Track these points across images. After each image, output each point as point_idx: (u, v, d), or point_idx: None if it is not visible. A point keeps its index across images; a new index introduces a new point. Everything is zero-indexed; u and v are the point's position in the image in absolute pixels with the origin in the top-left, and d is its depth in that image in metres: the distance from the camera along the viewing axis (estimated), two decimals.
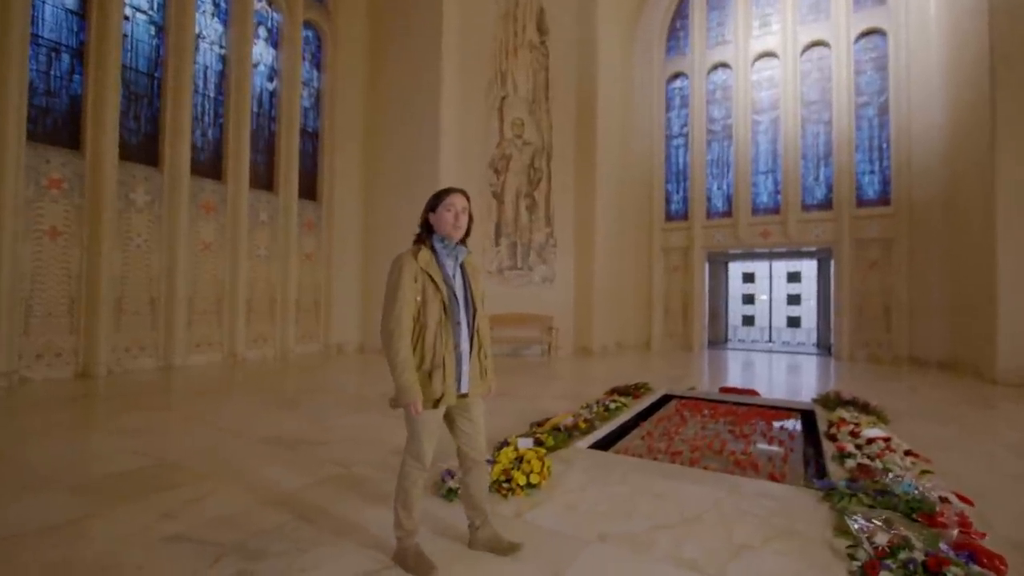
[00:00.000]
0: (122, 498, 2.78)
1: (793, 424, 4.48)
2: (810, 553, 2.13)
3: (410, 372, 1.92)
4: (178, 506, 2.68)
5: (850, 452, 3.16)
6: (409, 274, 1.96)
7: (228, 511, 2.62)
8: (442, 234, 2.04)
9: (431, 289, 1.99)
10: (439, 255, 2.05)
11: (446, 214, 2.03)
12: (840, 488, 2.46)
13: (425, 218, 2.08)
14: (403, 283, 1.94)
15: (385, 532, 2.38)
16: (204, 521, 2.51)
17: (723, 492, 2.68)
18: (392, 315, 1.94)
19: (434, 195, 2.10)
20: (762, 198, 11.32)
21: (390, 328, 1.94)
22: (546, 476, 2.82)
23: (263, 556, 2.18)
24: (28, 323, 6.40)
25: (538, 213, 10.78)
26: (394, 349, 1.92)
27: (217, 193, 8.47)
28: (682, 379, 7.14)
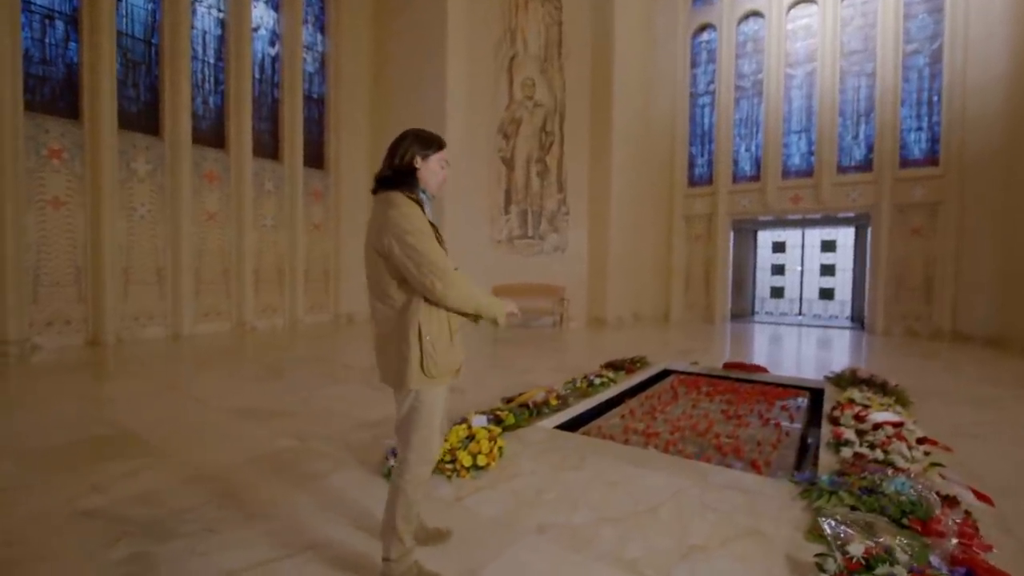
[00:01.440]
0: (61, 468, 2.72)
1: (798, 404, 4.08)
2: (771, 560, 1.83)
3: (482, 290, 1.69)
4: (111, 479, 2.59)
5: (848, 439, 2.78)
6: (426, 224, 1.64)
7: (158, 486, 2.52)
8: (430, 190, 1.76)
9: (439, 245, 1.69)
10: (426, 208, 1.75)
11: (439, 170, 1.76)
12: (820, 483, 2.12)
13: (411, 163, 1.70)
14: (427, 230, 1.62)
15: (303, 516, 2.21)
16: (128, 496, 2.41)
17: (688, 482, 2.38)
18: (436, 261, 1.58)
19: (425, 138, 1.74)
20: (794, 160, 10.47)
21: (437, 263, 1.58)
22: (495, 458, 2.58)
23: (169, 537, 2.05)
24: (36, 292, 6.54)
25: (550, 179, 10.32)
26: (458, 281, 1.61)
27: (220, 162, 8.40)
28: (694, 352, 6.74)
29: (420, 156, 1.71)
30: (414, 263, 1.58)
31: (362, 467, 2.73)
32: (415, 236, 1.58)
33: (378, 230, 1.65)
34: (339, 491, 2.50)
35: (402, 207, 1.63)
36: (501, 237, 10.13)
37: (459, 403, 3.58)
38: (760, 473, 2.57)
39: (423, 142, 1.73)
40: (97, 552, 1.95)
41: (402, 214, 1.61)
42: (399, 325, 1.67)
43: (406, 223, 1.59)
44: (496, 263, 10.03)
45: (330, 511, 2.27)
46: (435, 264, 1.58)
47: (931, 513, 1.85)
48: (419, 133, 1.75)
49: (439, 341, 1.66)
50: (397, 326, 1.67)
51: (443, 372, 1.69)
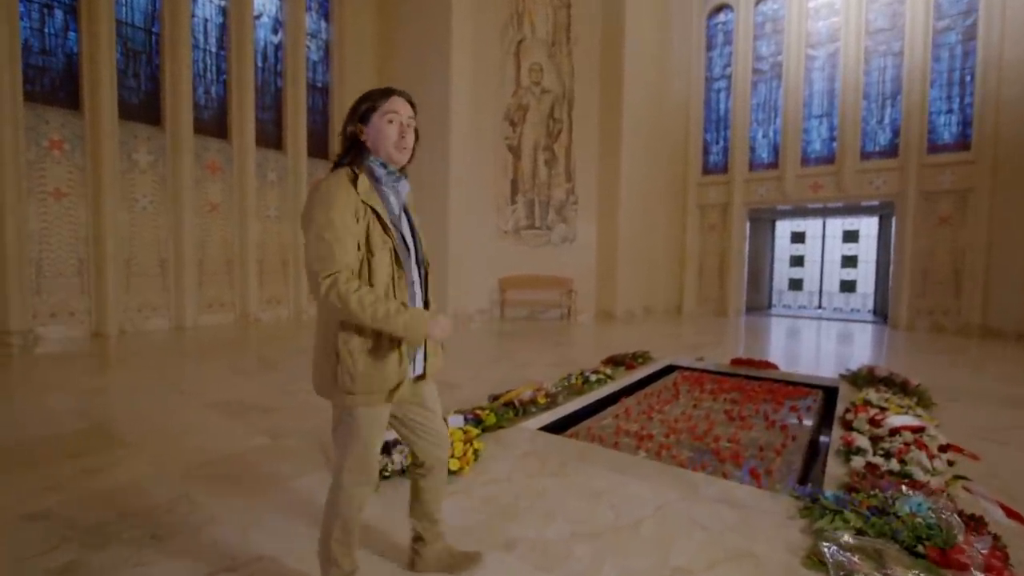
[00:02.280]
0: (23, 465, 2.62)
1: (808, 405, 3.81)
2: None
3: (393, 303, 1.34)
4: (71, 477, 2.48)
5: (860, 447, 2.53)
6: (347, 207, 1.33)
7: (117, 485, 2.40)
8: (382, 155, 1.44)
9: (378, 232, 1.39)
10: (380, 186, 1.46)
11: (386, 127, 1.42)
12: (824, 500, 1.88)
13: (352, 133, 1.44)
14: (336, 219, 1.31)
15: (257, 522, 2.06)
16: (82, 496, 2.29)
17: (676, 493, 2.16)
18: (327, 257, 1.30)
19: (363, 97, 1.46)
20: (814, 146, 10.01)
21: (331, 272, 1.30)
22: (469, 462, 2.40)
23: (109, 544, 1.92)
24: (40, 283, 6.55)
25: (558, 168, 10.04)
26: (353, 297, 1.29)
27: (223, 152, 8.33)
28: (704, 347, 6.46)
29: (360, 123, 1.44)
30: (307, 256, 1.34)
31: (325, 471, 2.57)
32: (311, 229, 1.33)
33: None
34: (303, 495, 2.35)
35: (322, 188, 1.35)
36: (508, 227, 9.91)
37: (450, 399, 3.41)
38: (759, 483, 2.34)
39: (361, 100, 1.46)
40: (31, 560, 1.82)
41: (316, 198, 1.34)
42: (319, 327, 1.45)
43: (315, 209, 1.33)
44: (502, 254, 9.82)
45: (288, 518, 2.12)
46: (320, 264, 1.30)
47: (952, 540, 1.60)
48: (363, 95, 1.47)
49: (361, 352, 1.37)
50: (318, 327, 1.46)
51: (366, 390, 1.39)
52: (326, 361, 1.42)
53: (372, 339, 1.39)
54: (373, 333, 1.38)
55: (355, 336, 1.37)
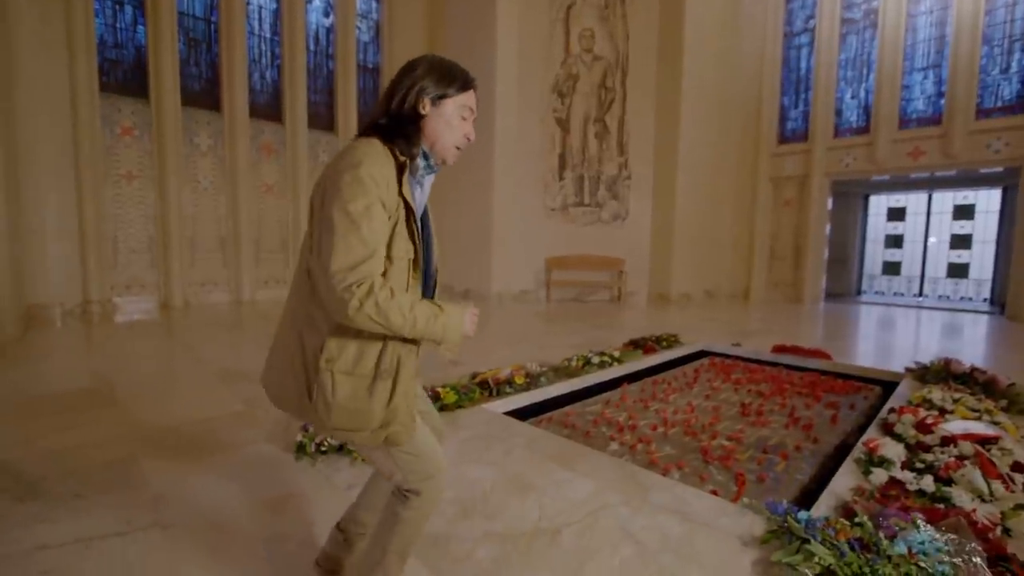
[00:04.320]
0: (15, 418, 2.80)
1: (853, 402, 3.16)
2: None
3: (428, 306, 1.11)
4: (43, 431, 2.61)
5: (886, 457, 1.98)
6: (387, 197, 1.07)
7: (80, 442, 2.49)
8: (436, 151, 1.18)
9: (403, 237, 1.11)
10: (410, 179, 1.16)
11: (459, 123, 1.18)
12: (794, 527, 1.43)
13: (414, 108, 1.14)
14: (376, 210, 1.04)
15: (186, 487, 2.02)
16: (41, 451, 2.39)
17: (620, 497, 1.80)
18: (363, 260, 1.02)
19: (443, 70, 1.17)
20: (916, 105, 8.54)
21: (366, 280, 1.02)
22: None
23: (34, 498, 1.98)
24: (116, 258, 7.24)
25: (609, 141, 9.42)
26: (393, 309, 1.03)
27: (276, 135, 8.68)
28: (756, 335, 5.74)
29: (429, 98, 1.14)
30: (325, 246, 1.02)
31: (280, 442, 2.48)
32: (352, 215, 1.02)
33: (321, 179, 1.11)
34: (246, 465, 2.28)
35: (365, 162, 1.04)
36: (555, 205, 9.50)
37: (442, 376, 3.22)
38: (740, 492, 1.90)
39: (439, 75, 1.16)
40: None
41: (355, 175, 1.03)
42: (286, 327, 1.18)
43: (351, 189, 1.02)
44: (549, 233, 9.45)
45: (216, 485, 2.06)
46: (357, 266, 1.01)
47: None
48: (437, 62, 1.18)
49: (348, 379, 1.09)
50: (284, 327, 1.18)
51: (347, 425, 1.10)
52: (291, 374, 1.15)
53: (366, 362, 1.10)
54: (364, 353, 1.10)
55: (345, 352, 1.09)
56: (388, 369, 1.11)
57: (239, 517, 1.85)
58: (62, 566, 1.55)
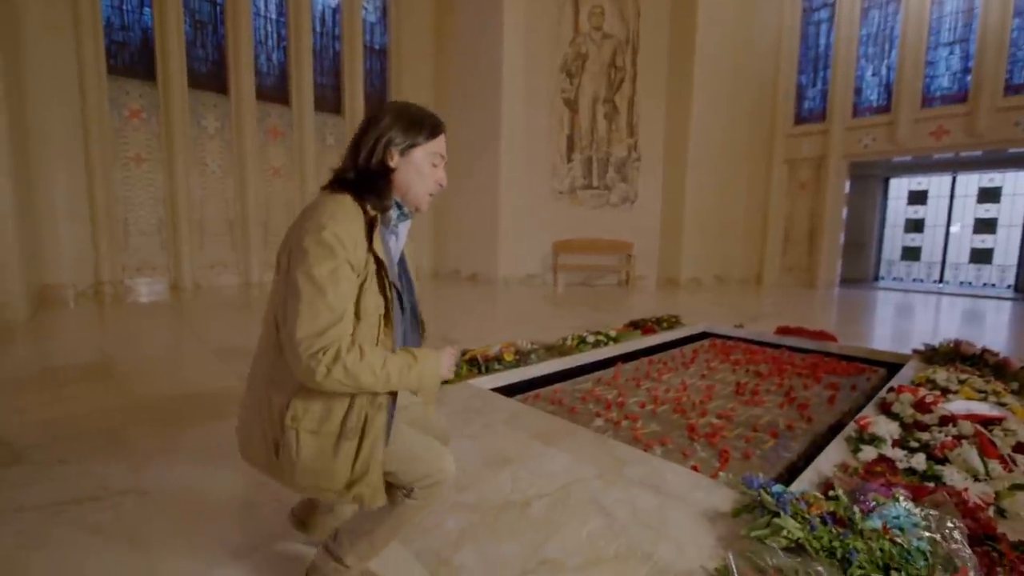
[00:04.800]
0: (18, 389, 2.86)
1: (855, 383, 3.06)
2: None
3: (400, 358, 1.09)
4: (40, 402, 2.67)
5: (877, 435, 1.90)
6: (355, 257, 1.04)
7: (72, 413, 2.53)
8: (408, 200, 1.16)
9: (373, 293, 1.09)
10: (383, 230, 1.15)
11: (430, 171, 1.16)
12: (766, 501, 1.37)
13: (382, 161, 1.12)
14: (343, 274, 1.02)
15: (164, 457, 2.02)
16: (35, 420, 2.44)
17: (594, 470, 1.76)
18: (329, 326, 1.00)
19: (409, 119, 1.14)
20: (940, 82, 8.19)
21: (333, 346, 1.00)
22: None
23: (17, 464, 2.02)
24: (127, 240, 7.34)
25: (619, 122, 9.24)
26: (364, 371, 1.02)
27: (283, 118, 8.68)
28: (765, 319, 5.61)
29: (398, 150, 1.12)
30: (291, 312, 1.01)
31: None
32: (315, 277, 0.99)
33: (287, 237, 1.09)
34: (229, 435, 2.26)
35: (331, 224, 1.01)
36: (563, 188, 9.37)
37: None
38: (722, 467, 1.84)
39: (406, 125, 1.13)
40: None
41: (322, 238, 1.00)
42: (255, 381, 1.16)
43: (318, 251, 1.00)
44: (557, 216, 9.34)
45: (202, 455, 2.07)
46: (323, 333, 0.99)
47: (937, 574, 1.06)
48: (402, 111, 1.15)
49: (313, 439, 1.06)
50: (262, 379, 1.14)
51: (312, 484, 1.09)
52: (259, 429, 1.13)
53: (332, 423, 1.07)
54: (330, 413, 1.07)
55: (310, 410, 1.06)
56: (354, 428, 1.08)
57: (216, 485, 1.85)
58: (37, 527, 1.57)
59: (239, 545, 1.49)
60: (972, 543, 1.35)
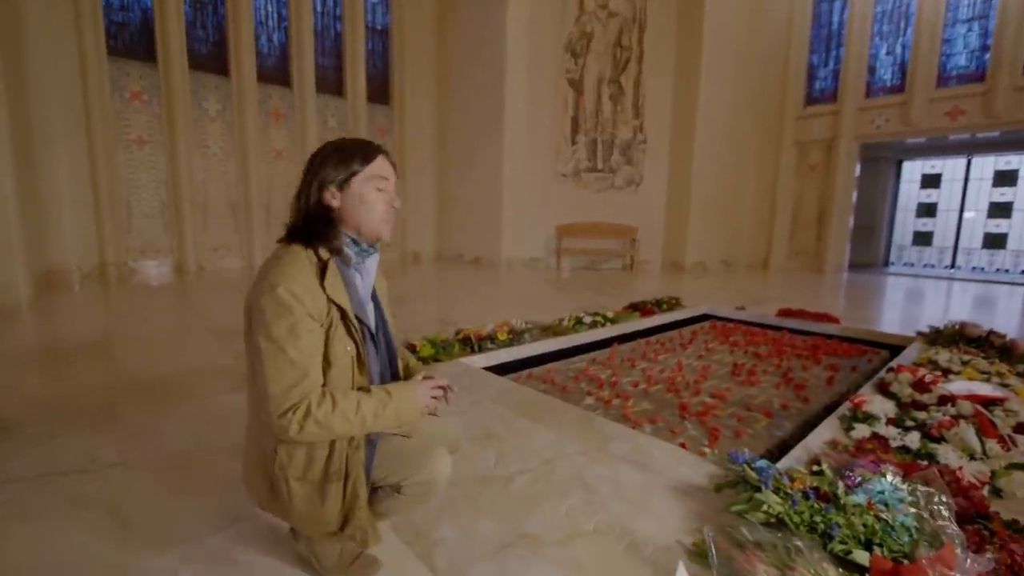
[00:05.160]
0: (20, 367, 2.89)
1: (856, 364, 3.01)
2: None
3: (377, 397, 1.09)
4: (41, 380, 2.70)
5: (872, 413, 1.85)
6: (312, 309, 1.05)
7: (64, 391, 2.53)
8: (364, 233, 1.13)
9: (340, 337, 1.09)
10: (347, 271, 1.15)
11: (374, 196, 1.12)
12: (749, 476, 1.34)
13: (320, 199, 1.11)
14: (302, 328, 1.03)
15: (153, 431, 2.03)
16: (33, 396, 2.48)
17: (579, 446, 1.74)
18: (296, 383, 1.02)
19: (342, 153, 1.12)
20: (956, 61, 7.94)
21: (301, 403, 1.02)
22: None
23: (9, 438, 2.00)
24: (131, 223, 7.36)
25: (624, 103, 9.07)
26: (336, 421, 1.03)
27: (285, 100, 8.61)
28: (770, 302, 5.53)
29: (334, 186, 1.10)
30: (257, 373, 1.04)
31: None
32: (276, 340, 1.01)
33: (249, 295, 1.09)
34: (218, 412, 2.29)
35: (283, 280, 1.02)
36: (567, 170, 9.26)
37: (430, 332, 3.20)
38: (711, 445, 1.81)
39: (337, 160, 1.11)
40: None
41: (273, 297, 1.01)
42: (252, 425, 1.18)
43: (272, 312, 1.01)
44: (561, 199, 9.24)
45: (191, 431, 2.07)
46: (291, 390, 1.01)
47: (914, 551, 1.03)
48: (334, 147, 1.13)
49: (301, 485, 1.09)
50: (255, 422, 1.16)
51: (307, 529, 1.14)
52: (259, 471, 1.15)
53: (316, 470, 1.09)
54: (313, 462, 1.09)
55: (298, 463, 1.08)
56: (338, 471, 1.10)
57: (202, 459, 1.85)
58: (21, 498, 1.58)
59: (220, 516, 1.49)
60: (964, 521, 1.32)
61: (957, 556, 1.03)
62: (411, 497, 1.13)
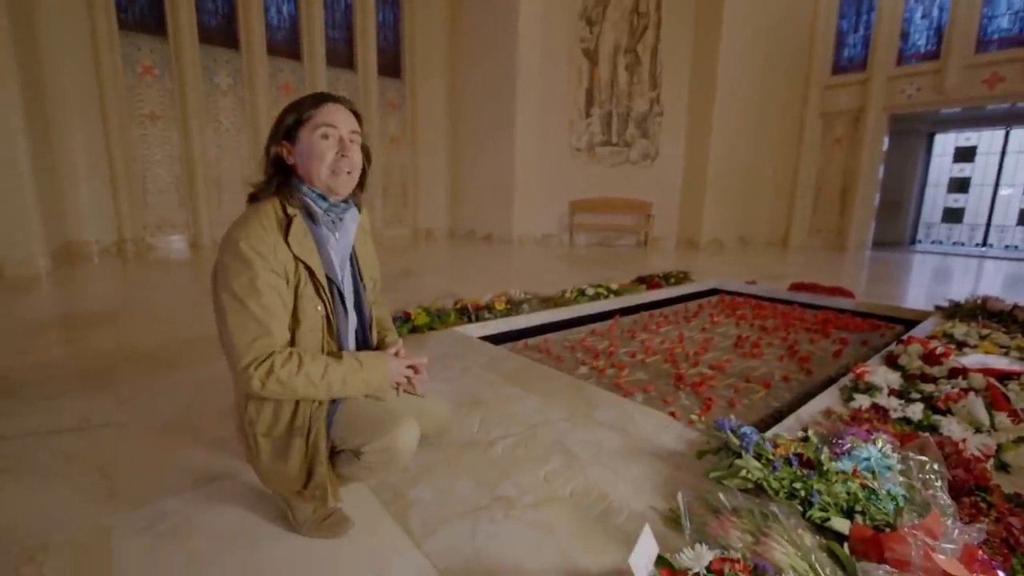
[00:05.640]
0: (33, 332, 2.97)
1: (866, 339, 2.89)
2: (576, 544, 1.15)
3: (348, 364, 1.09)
4: (47, 344, 2.76)
5: (874, 384, 1.77)
6: (276, 263, 1.04)
7: (69, 353, 2.60)
8: (320, 185, 1.10)
9: (309, 296, 1.09)
10: (318, 228, 1.13)
11: (319, 144, 1.07)
12: (731, 442, 1.28)
13: (276, 155, 1.11)
14: (263, 283, 1.01)
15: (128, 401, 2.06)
16: (39, 359, 2.52)
17: (564, 412, 1.71)
18: (257, 338, 1.02)
19: (288, 107, 1.11)
20: (999, 23, 7.45)
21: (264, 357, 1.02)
22: None
23: (7, 397, 2.04)
24: (146, 199, 7.47)
25: (641, 74, 8.78)
26: (299, 381, 1.03)
27: (296, 74, 8.55)
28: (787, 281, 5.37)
29: (286, 140, 1.10)
30: (221, 328, 1.05)
31: None
32: (237, 293, 1.01)
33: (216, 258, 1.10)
34: (212, 378, 2.31)
35: (240, 237, 1.02)
36: (580, 145, 9.06)
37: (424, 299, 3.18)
38: (703, 413, 1.76)
39: (287, 111, 1.10)
40: None
41: (234, 251, 1.01)
42: (236, 390, 1.19)
43: (233, 267, 1.01)
44: (574, 174, 9.07)
45: (184, 395, 2.11)
46: (252, 345, 1.01)
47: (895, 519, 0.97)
48: (292, 102, 1.12)
49: (267, 441, 1.11)
50: (236, 388, 1.19)
51: (275, 486, 1.17)
52: (240, 430, 1.18)
53: (281, 425, 1.11)
54: (279, 417, 1.10)
55: (265, 418, 1.11)
56: (301, 427, 1.10)
57: (191, 423, 1.87)
58: (15, 453, 1.62)
59: (203, 474, 1.51)
60: (962, 493, 1.25)
61: (946, 526, 0.97)
62: (371, 465, 1.10)
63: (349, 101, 1.16)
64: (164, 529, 1.26)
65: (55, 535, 1.23)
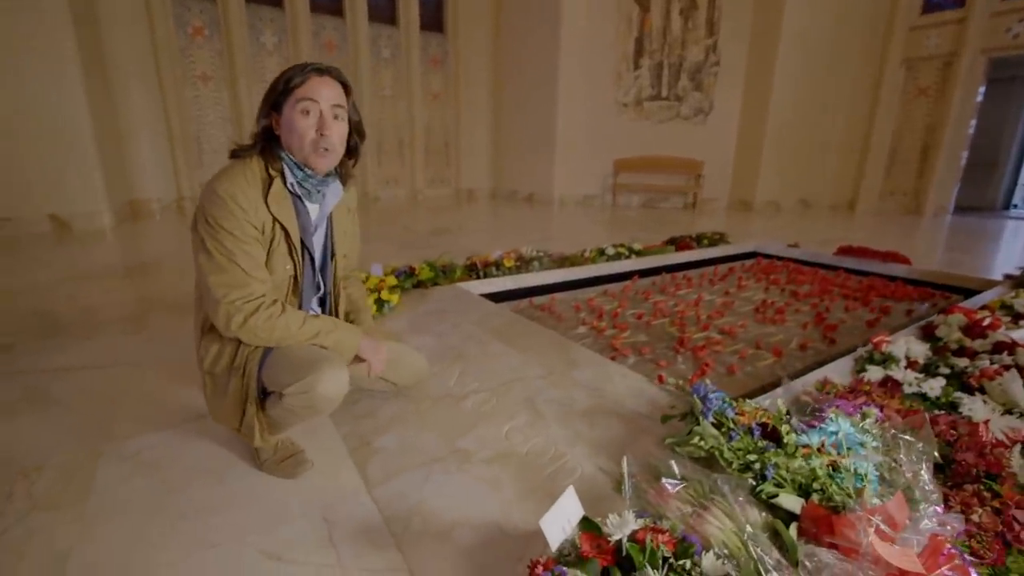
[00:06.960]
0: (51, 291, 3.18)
1: (912, 308, 2.61)
2: (521, 500, 1.12)
3: (324, 322, 1.18)
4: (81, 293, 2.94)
5: (892, 354, 1.58)
6: (254, 214, 1.08)
7: (105, 302, 2.78)
8: (299, 158, 1.13)
9: (281, 255, 1.14)
10: (300, 193, 1.17)
11: (299, 120, 1.08)
12: (695, 407, 1.18)
13: (266, 128, 1.14)
14: (239, 228, 1.06)
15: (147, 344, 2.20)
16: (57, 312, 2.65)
17: (542, 370, 1.66)
18: (236, 280, 1.07)
19: (279, 77, 1.13)
20: None
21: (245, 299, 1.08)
22: None
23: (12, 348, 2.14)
24: (201, 159, 7.82)
25: (697, 19, 8.10)
26: (279, 326, 1.10)
27: (338, 30, 8.55)
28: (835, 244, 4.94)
29: (273, 112, 1.13)
30: (204, 274, 1.08)
31: None
32: (216, 236, 1.05)
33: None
34: None
35: (223, 183, 1.07)
36: (627, 99, 8.58)
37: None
38: (694, 378, 1.65)
39: (275, 83, 1.13)
40: None
41: (215, 197, 1.05)
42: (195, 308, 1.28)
43: (213, 211, 1.05)
44: (620, 131, 8.65)
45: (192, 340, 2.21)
46: (230, 286, 1.06)
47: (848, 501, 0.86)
48: (275, 78, 1.15)
49: (211, 378, 1.21)
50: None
51: (220, 420, 1.24)
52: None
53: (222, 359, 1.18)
54: (221, 350, 1.18)
55: (212, 353, 1.19)
56: (239, 367, 1.16)
57: None
58: (41, 385, 1.78)
59: (193, 412, 1.59)
60: (965, 480, 1.11)
61: (915, 514, 0.86)
62: (292, 408, 1.12)
63: (337, 70, 1.16)
64: (146, 458, 1.35)
65: (53, 458, 1.34)
